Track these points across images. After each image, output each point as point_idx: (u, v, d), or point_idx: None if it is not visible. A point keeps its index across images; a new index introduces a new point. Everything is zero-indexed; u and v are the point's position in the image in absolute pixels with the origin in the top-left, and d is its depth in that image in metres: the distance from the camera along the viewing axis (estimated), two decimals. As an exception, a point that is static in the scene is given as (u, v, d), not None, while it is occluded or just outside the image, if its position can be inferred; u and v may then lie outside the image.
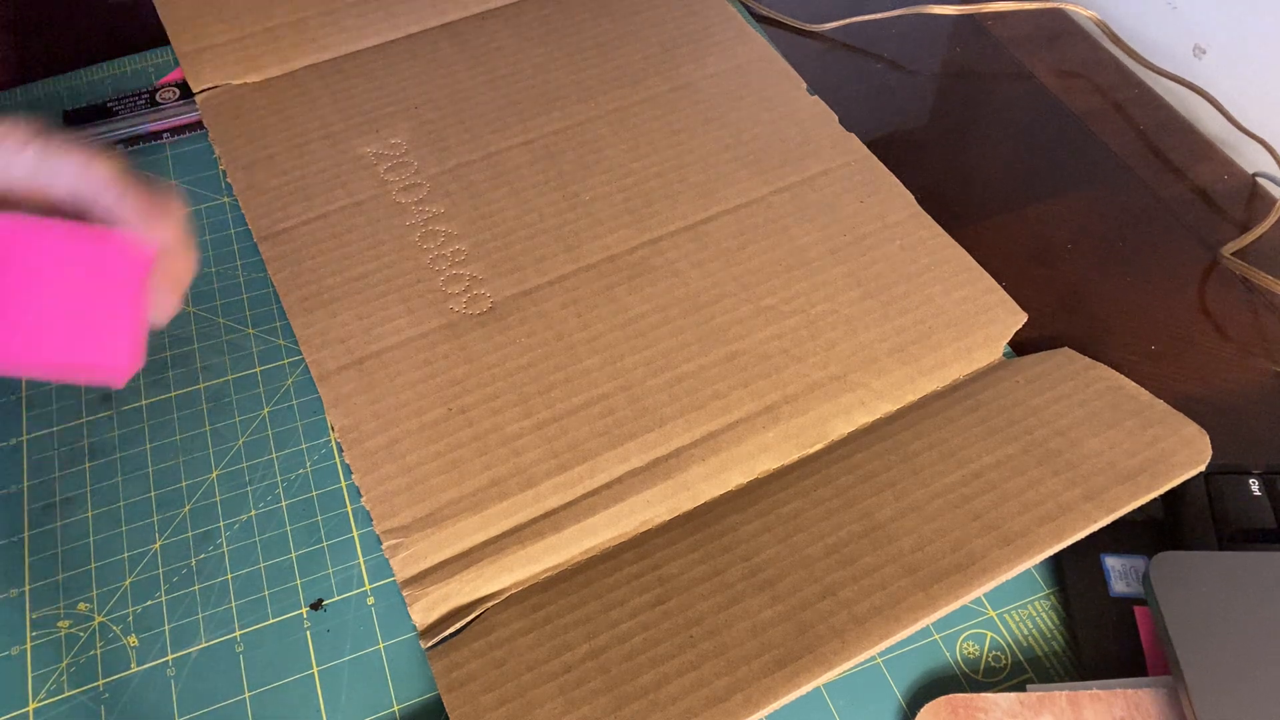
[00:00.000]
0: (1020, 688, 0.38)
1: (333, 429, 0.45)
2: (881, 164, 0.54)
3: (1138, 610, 0.40)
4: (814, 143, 0.55)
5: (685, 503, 0.43)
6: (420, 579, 0.40)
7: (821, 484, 0.42)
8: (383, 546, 0.40)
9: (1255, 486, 0.41)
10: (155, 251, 0.33)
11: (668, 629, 0.38)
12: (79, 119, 0.57)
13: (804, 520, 0.41)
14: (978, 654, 0.40)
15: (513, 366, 0.46)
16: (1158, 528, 0.42)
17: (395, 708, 0.38)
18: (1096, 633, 0.39)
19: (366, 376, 0.45)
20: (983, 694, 0.37)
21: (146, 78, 0.60)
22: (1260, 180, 0.57)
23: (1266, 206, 0.55)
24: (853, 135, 0.55)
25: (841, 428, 0.45)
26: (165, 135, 0.57)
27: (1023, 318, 0.48)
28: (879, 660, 0.39)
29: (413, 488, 0.42)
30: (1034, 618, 0.41)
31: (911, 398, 0.46)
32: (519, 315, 0.48)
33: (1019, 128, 0.60)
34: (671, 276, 0.49)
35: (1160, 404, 0.44)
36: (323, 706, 0.38)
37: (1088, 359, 0.46)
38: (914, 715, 0.37)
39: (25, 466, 0.44)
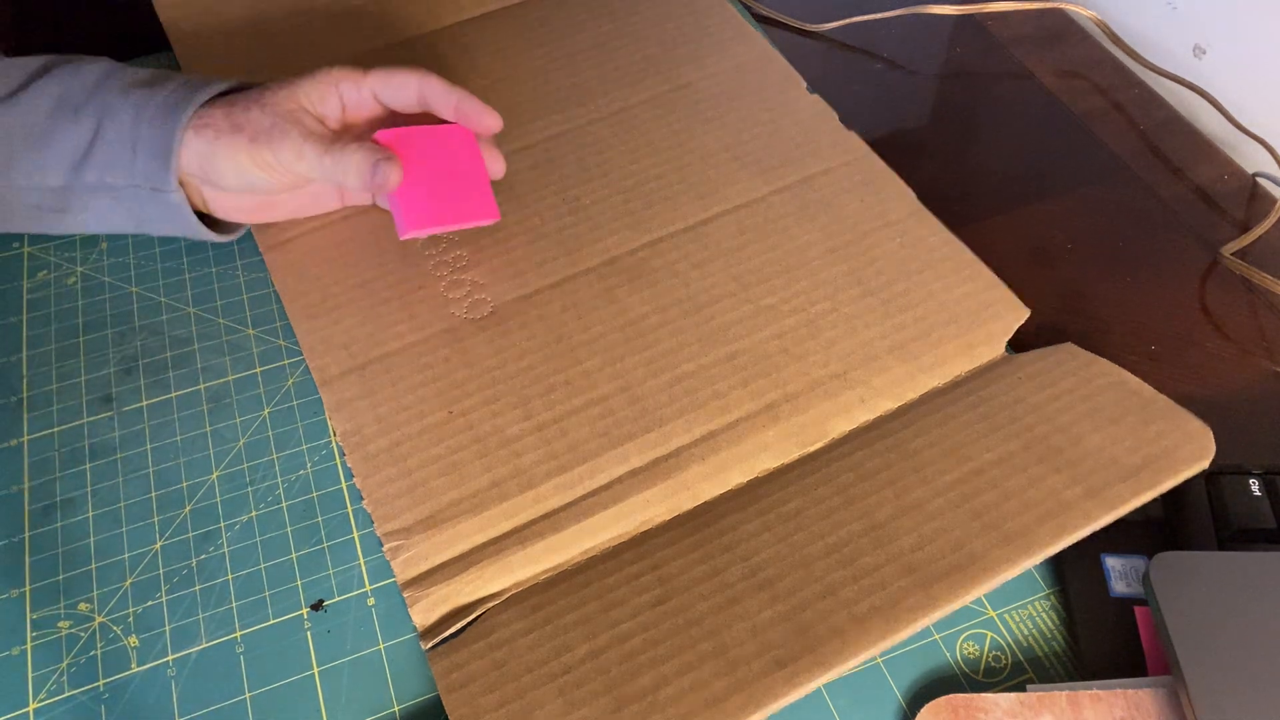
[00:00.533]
0: (1020, 688, 0.38)
1: (334, 433, 0.45)
2: (882, 161, 0.54)
3: (1138, 610, 0.40)
4: (814, 142, 0.55)
5: (685, 503, 0.43)
6: (421, 580, 0.40)
7: (822, 483, 0.42)
8: (384, 548, 0.40)
9: (1255, 486, 0.41)
10: (477, 132, 0.48)
11: (668, 629, 0.38)
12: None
13: (804, 519, 0.41)
14: (978, 654, 0.40)
15: (513, 369, 0.46)
16: (1158, 528, 0.42)
17: (395, 708, 0.38)
18: (1096, 633, 0.39)
19: (368, 381, 0.45)
20: (983, 694, 0.37)
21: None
22: (1260, 180, 0.57)
23: (1266, 206, 0.55)
24: (853, 133, 0.55)
25: (842, 426, 0.45)
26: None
27: (1025, 313, 0.48)
28: (879, 660, 0.39)
29: (414, 490, 0.42)
30: (1034, 618, 0.41)
31: (912, 395, 0.46)
32: (519, 319, 0.48)
33: (1019, 128, 0.60)
34: (671, 277, 0.49)
35: (1163, 399, 0.44)
36: (323, 707, 0.38)
37: (1090, 354, 0.46)
38: (914, 715, 0.37)
39: (26, 467, 0.44)
